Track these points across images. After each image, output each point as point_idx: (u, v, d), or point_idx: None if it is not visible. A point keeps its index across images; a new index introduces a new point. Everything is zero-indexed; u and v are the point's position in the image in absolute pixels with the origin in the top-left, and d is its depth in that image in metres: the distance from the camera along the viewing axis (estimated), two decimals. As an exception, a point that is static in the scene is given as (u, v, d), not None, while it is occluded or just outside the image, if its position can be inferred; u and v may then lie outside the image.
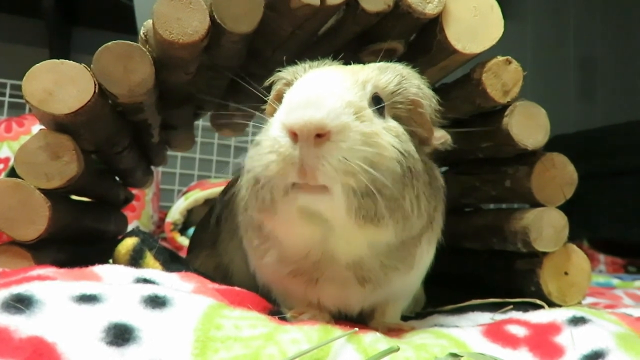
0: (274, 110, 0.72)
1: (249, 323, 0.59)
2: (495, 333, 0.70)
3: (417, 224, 0.73)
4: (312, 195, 0.64)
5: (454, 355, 0.58)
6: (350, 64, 0.78)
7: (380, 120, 0.70)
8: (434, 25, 0.89)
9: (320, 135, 0.61)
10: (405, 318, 0.89)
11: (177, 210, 2.48)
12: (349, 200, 0.63)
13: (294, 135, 0.62)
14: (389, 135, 0.68)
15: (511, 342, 0.68)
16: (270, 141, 0.65)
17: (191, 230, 2.37)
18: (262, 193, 0.67)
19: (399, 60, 0.79)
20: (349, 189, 0.63)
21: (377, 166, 0.64)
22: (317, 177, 0.62)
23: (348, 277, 0.73)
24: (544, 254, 0.95)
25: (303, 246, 0.72)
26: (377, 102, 0.71)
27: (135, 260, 0.91)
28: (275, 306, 0.79)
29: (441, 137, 0.78)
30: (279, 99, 0.74)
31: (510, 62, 0.91)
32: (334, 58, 0.80)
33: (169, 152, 1.59)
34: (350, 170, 0.62)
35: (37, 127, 2.14)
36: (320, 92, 0.64)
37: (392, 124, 0.71)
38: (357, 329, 0.62)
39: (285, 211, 0.67)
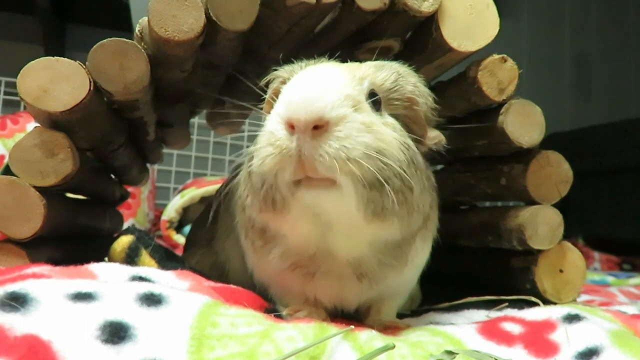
0: (272, 108, 0.72)
1: (244, 321, 0.59)
2: (491, 330, 0.71)
3: (418, 219, 0.73)
4: (319, 191, 0.63)
5: (450, 352, 0.58)
6: (346, 62, 0.78)
7: (378, 116, 0.70)
8: (429, 23, 0.89)
9: (318, 127, 0.61)
10: (401, 316, 0.89)
11: (173, 208, 2.48)
12: (358, 194, 0.63)
13: (291, 128, 0.62)
14: (387, 128, 0.68)
15: (506, 339, 0.68)
16: (267, 135, 0.65)
17: (187, 228, 2.37)
18: (270, 194, 0.66)
19: (395, 58, 0.79)
20: (356, 180, 0.62)
21: (382, 152, 0.64)
22: (316, 169, 0.62)
23: (346, 273, 0.73)
24: (539, 251, 0.96)
25: (307, 242, 0.72)
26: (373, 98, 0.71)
27: (130, 258, 0.91)
28: (271, 304, 0.79)
29: (435, 137, 0.78)
30: (276, 96, 0.74)
31: (505, 60, 0.91)
32: (330, 56, 0.80)
33: (165, 150, 1.58)
34: (350, 156, 0.61)
35: (32, 125, 2.14)
36: (318, 86, 0.64)
37: (389, 119, 0.72)
38: (352, 326, 0.62)
39: (295, 209, 0.66)
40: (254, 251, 0.81)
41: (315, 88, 0.63)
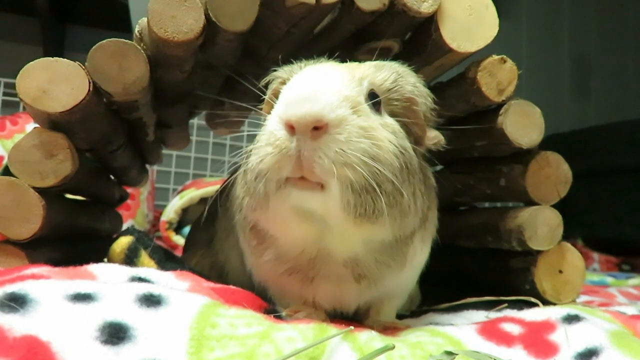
0: (271, 108, 0.72)
1: (244, 321, 0.59)
2: (490, 331, 0.71)
3: (413, 221, 0.73)
4: (306, 192, 0.64)
5: (449, 353, 0.58)
6: (346, 62, 0.78)
7: (377, 117, 0.70)
8: (429, 24, 0.89)
9: (318, 129, 0.61)
10: (400, 316, 0.89)
11: (172, 209, 2.48)
12: (344, 197, 0.63)
13: (291, 129, 0.62)
14: (386, 131, 0.68)
15: (506, 340, 0.68)
16: (266, 135, 0.65)
17: (186, 229, 2.36)
18: (255, 186, 0.67)
19: (395, 59, 0.80)
20: (346, 183, 0.63)
21: (377, 159, 0.64)
22: (314, 171, 0.62)
23: (344, 274, 0.73)
24: (539, 252, 0.96)
25: (298, 244, 0.72)
26: (373, 99, 0.71)
27: (130, 259, 0.91)
28: (270, 305, 0.79)
29: (434, 137, 0.78)
30: (276, 97, 0.74)
31: (505, 61, 0.91)
32: (330, 57, 0.80)
33: (164, 151, 1.58)
34: (347, 162, 0.62)
35: (31, 126, 2.14)
36: (318, 87, 0.64)
37: (389, 120, 0.72)
38: (352, 327, 0.62)
39: (278, 207, 0.66)
40: (251, 251, 0.81)
41: (314, 89, 0.63)
